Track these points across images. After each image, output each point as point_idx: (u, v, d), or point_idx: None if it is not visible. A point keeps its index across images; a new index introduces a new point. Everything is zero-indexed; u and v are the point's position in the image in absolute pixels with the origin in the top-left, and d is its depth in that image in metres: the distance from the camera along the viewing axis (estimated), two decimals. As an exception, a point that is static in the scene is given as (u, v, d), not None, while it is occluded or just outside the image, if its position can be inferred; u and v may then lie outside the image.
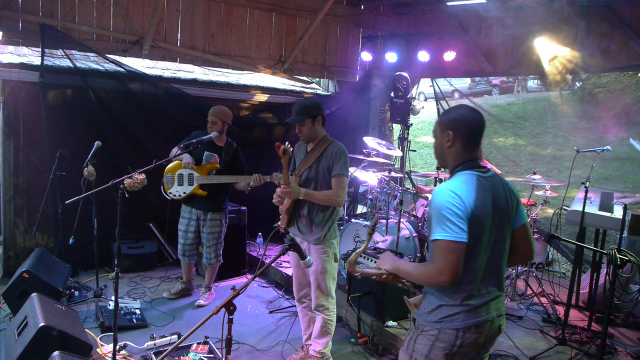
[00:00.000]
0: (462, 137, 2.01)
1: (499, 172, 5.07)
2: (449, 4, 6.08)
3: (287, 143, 3.10)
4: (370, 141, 5.44)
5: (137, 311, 4.24)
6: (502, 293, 2.08)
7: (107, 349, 3.60)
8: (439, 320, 1.99)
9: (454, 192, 1.89)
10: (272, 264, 2.72)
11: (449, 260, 1.84)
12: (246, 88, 6.41)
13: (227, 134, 4.53)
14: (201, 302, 4.64)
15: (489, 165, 5.15)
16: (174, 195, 4.46)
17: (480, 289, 1.98)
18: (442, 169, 4.83)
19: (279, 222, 3.42)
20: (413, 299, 2.24)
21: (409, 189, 5.10)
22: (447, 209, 1.86)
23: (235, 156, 4.53)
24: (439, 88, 7.16)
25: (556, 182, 4.77)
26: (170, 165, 4.46)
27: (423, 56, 6.25)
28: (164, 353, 2.59)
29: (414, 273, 2.05)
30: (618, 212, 3.90)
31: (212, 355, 3.50)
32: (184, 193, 4.43)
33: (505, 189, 2.05)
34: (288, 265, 5.07)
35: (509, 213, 2.05)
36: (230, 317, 2.23)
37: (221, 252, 4.69)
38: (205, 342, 3.60)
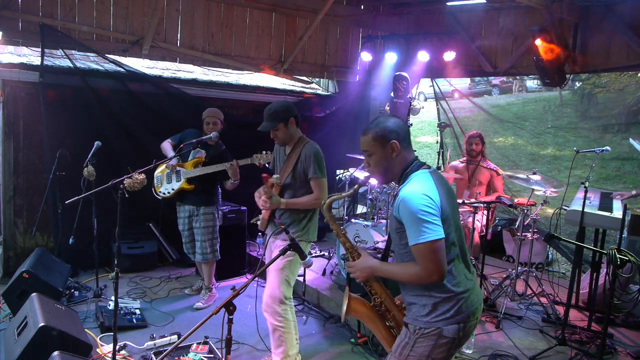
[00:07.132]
0: (403, 142, 2.11)
1: (502, 172, 5.08)
2: (449, 4, 6.06)
3: (275, 177, 3.24)
4: (370, 141, 5.42)
5: (137, 311, 4.24)
6: (475, 276, 2.19)
7: (107, 349, 3.61)
8: (439, 319, 2.02)
9: (424, 193, 1.95)
10: (272, 264, 2.76)
11: (435, 260, 1.92)
12: (246, 88, 6.41)
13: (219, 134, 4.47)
14: (199, 304, 4.54)
15: (492, 165, 5.13)
16: (164, 194, 4.50)
17: (462, 275, 2.06)
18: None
19: (258, 221, 3.45)
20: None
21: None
22: (422, 211, 1.92)
23: (221, 156, 4.48)
24: (439, 88, 7.16)
25: (556, 182, 4.76)
26: (159, 167, 4.52)
27: (423, 56, 6.25)
28: (164, 353, 2.59)
29: (399, 275, 2.08)
30: (618, 212, 3.89)
31: (212, 355, 3.50)
32: (173, 189, 4.45)
33: (444, 179, 2.18)
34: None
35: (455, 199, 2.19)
36: (230, 317, 2.23)
37: (218, 247, 4.61)
38: (205, 342, 3.60)
